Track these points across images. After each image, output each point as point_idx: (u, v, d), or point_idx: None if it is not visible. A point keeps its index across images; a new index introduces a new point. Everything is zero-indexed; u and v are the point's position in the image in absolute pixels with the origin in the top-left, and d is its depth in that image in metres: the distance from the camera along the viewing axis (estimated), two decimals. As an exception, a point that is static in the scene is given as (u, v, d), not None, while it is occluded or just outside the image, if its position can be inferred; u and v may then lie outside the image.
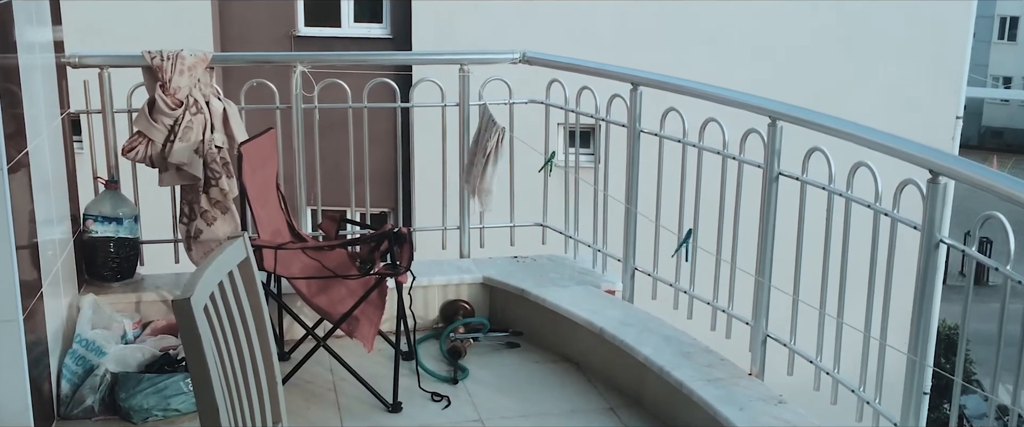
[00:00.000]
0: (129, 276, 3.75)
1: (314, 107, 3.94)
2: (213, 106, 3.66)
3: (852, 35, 10.30)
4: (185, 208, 3.69)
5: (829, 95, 9.02)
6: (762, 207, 3.12)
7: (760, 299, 3.16)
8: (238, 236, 2.05)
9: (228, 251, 1.99)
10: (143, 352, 3.23)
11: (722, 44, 10.10)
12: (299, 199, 3.97)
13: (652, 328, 3.48)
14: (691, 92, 3.45)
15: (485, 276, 3.95)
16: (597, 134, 4.01)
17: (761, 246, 3.14)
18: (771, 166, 3.07)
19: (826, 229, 2.93)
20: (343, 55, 4.15)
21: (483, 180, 3.90)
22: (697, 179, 3.45)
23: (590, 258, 4.10)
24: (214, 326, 1.84)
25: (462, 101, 4.04)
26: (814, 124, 2.93)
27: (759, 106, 3.10)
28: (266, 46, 10.14)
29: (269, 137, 3.53)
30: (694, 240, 3.43)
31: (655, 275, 3.72)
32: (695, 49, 9.99)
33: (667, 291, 3.64)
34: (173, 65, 3.55)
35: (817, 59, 10.23)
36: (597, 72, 3.84)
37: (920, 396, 2.61)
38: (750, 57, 10.03)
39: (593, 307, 3.65)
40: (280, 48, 10.19)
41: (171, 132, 3.57)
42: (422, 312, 3.86)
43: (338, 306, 3.31)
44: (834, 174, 2.89)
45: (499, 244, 4.28)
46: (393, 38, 10.47)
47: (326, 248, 3.50)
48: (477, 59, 4.11)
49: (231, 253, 2.00)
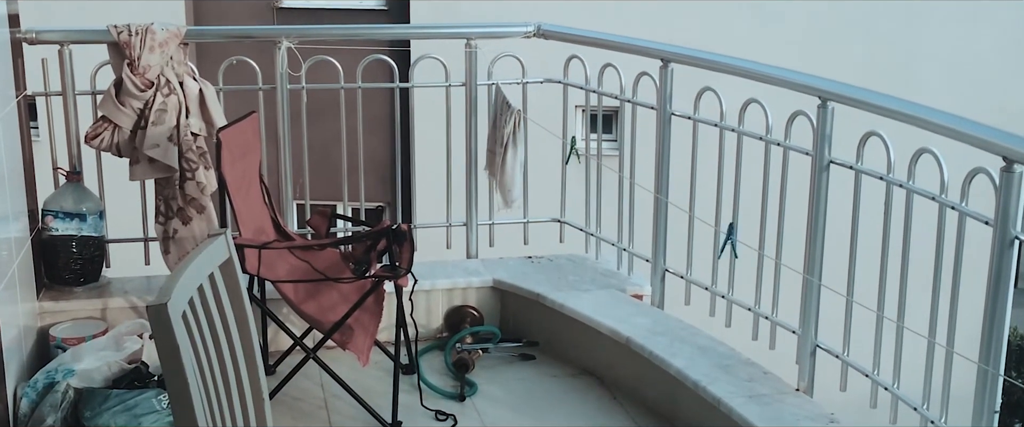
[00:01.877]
0: (94, 279, 3.77)
1: (301, 88, 3.95)
2: (188, 87, 3.67)
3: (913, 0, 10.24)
4: (161, 205, 3.71)
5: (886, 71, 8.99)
6: (811, 199, 3.12)
7: (809, 304, 3.16)
8: (219, 233, 2.06)
9: (208, 251, 1.99)
10: (110, 365, 3.25)
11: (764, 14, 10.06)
12: (285, 192, 3.99)
13: (685, 337, 3.49)
14: (729, 69, 3.45)
15: (495, 279, 3.96)
16: (621, 117, 4.02)
17: (810, 244, 3.14)
18: (821, 153, 3.07)
19: (884, 224, 2.93)
20: (333, 29, 4.15)
21: (504, 172, 3.91)
22: (736, 168, 3.45)
23: (614, 258, 4.10)
24: (194, 335, 1.85)
25: (468, 81, 4.04)
26: (870, 105, 2.93)
27: (807, 85, 3.10)
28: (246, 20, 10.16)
29: (251, 122, 3.54)
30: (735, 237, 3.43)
31: (688, 277, 3.72)
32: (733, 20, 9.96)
33: (702, 295, 3.64)
34: (142, 41, 3.57)
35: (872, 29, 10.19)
36: (622, 47, 3.84)
37: (991, 414, 2.61)
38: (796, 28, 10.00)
39: (618, 314, 3.66)
40: (262, 21, 10.21)
41: (141, 117, 3.59)
42: (424, 320, 3.87)
43: (330, 313, 3.33)
44: (893, 162, 2.89)
45: (511, 243, 4.29)
46: (388, 10, 10.47)
47: (316, 248, 3.52)
48: (486, 33, 4.12)
49: (211, 253, 2.00)
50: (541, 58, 4.23)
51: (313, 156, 4.19)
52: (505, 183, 3.96)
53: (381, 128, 7.44)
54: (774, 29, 9.90)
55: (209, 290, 1.97)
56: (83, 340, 3.43)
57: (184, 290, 1.85)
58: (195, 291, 1.90)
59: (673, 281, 3.79)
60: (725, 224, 3.47)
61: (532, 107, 4.11)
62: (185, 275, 1.87)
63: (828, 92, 3.03)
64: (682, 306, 3.70)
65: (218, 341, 1.96)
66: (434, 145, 4.10)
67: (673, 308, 3.75)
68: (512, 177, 3.95)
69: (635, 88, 3.86)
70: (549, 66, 4.21)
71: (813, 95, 3.07)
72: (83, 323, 3.59)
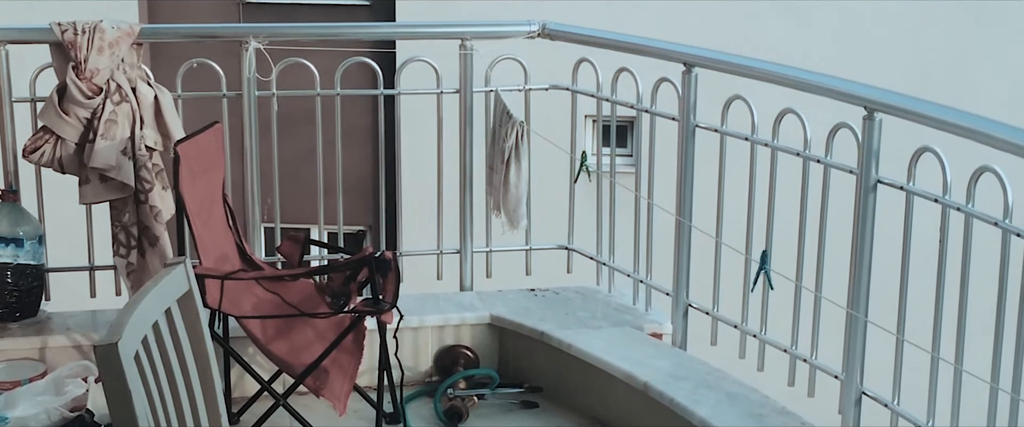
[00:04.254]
0: (32, 314, 3.77)
1: (272, 95, 3.96)
2: (141, 94, 3.68)
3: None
4: (119, 233, 3.70)
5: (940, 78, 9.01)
6: (855, 224, 3.12)
7: (853, 344, 3.15)
8: (177, 262, 2.06)
9: (164, 282, 2.00)
10: (49, 413, 3.24)
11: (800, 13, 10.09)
12: (252, 215, 3.98)
13: (712, 383, 3.48)
14: (762, 75, 3.46)
15: (493, 315, 3.96)
16: (638, 129, 4.02)
17: (854, 275, 3.13)
18: (867, 171, 3.07)
19: (940, 253, 2.93)
20: (308, 27, 4.18)
21: (507, 191, 3.90)
22: (770, 188, 3.45)
23: (630, 291, 4.10)
24: (147, 379, 1.85)
25: (463, 87, 4.05)
26: (924, 116, 2.93)
27: (851, 93, 3.11)
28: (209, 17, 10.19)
29: (213, 134, 3.54)
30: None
31: (715, 313, 3.72)
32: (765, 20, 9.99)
33: (731, 335, 3.64)
34: (90, 41, 3.58)
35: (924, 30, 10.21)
36: (639, 49, 3.85)
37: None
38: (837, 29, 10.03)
39: (634, 355, 3.65)
40: (227, 19, 10.23)
41: (88, 128, 3.59)
42: (412, 362, 3.87)
43: (302, 354, 3.32)
44: (950, 182, 2.89)
45: (511, 273, 4.29)
46: (371, 6, 10.52)
47: (287, 278, 3.51)
48: (483, 32, 4.13)
49: (168, 285, 2.01)
50: (546, 62, 4.24)
51: (284, 173, 4.19)
52: (509, 203, 3.96)
53: (363, 141, 7.44)
54: (812, 30, 9.94)
55: (165, 327, 1.96)
56: (19, 384, 3.42)
57: (137, 327, 1.85)
58: (149, 328, 1.90)
59: (697, 317, 3.78)
60: (757, 252, 3.47)
61: (536, 117, 4.11)
62: (138, 310, 1.87)
63: (875, 101, 3.03)
64: (708, 346, 3.69)
65: (175, 386, 1.96)
66: (423, 161, 4.10)
67: (697, 349, 3.75)
68: (518, 195, 3.96)
69: (654, 96, 3.86)
70: (555, 71, 4.22)
71: (858, 105, 3.07)
72: (18, 364, 3.57)
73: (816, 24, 10.06)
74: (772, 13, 10.09)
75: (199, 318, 2.08)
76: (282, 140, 4.04)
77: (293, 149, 4.31)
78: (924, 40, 10.19)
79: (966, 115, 2.84)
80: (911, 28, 10.20)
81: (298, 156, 4.48)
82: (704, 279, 3.71)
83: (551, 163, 4.29)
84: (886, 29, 10.18)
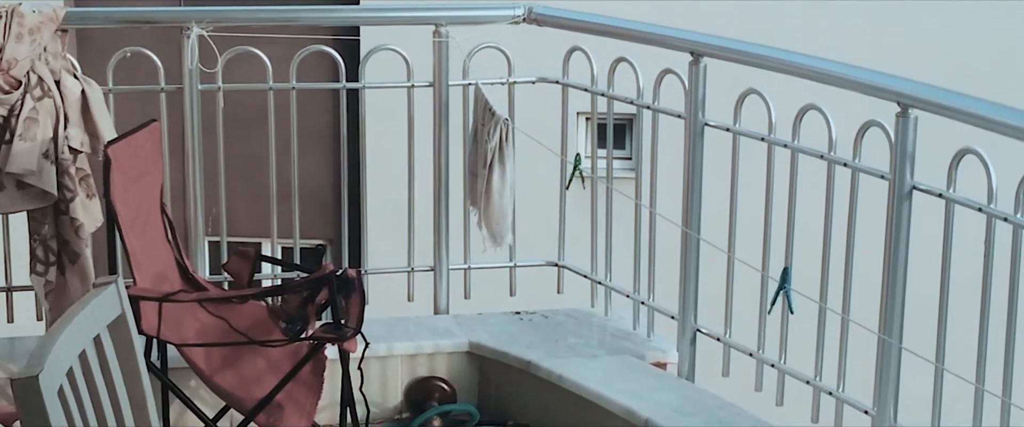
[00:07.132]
0: (-61, 342, 3.75)
1: (218, 89, 3.96)
2: (67, 88, 3.67)
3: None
4: (37, 247, 3.68)
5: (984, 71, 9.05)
6: (888, 236, 3.13)
7: (886, 373, 3.16)
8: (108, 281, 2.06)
9: (93, 306, 1.99)
10: (-40, 457, 3.23)
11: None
12: (195, 226, 3.98)
13: (724, 419, 3.49)
14: (780, 66, 3.47)
15: (472, 341, 3.96)
16: (637, 128, 4.03)
17: (887, 295, 3.14)
18: (901, 176, 3.08)
19: (985, 268, 2.93)
20: (260, 11, 4.16)
21: (490, 201, 3.90)
22: (790, 195, 3.46)
23: (629, 314, 4.10)
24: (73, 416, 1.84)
25: (438, 80, 4.06)
26: (965, 113, 2.95)
27: (882, 86, 3.12)
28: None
29: (150, 134, 3.54)
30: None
31: (727, 339, 3.72)
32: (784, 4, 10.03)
33: (745, 363, 3.64)
34: (7, 27, 3.57)
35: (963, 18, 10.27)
36: (640, 36, 3.86)
37: None
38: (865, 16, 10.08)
39: (635, 387, 3.66)
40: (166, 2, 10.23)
41: (4, 127, 3.58)
42: (379, 396, 3.86)
43: (253, 387, 3.32)
44: (996, 188, 2.91)
45: (493, 293, 4.29)
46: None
47: (235, 300, 3.50)
48: (461, 17, 4.14)
49: (98, 308, 2.00)
50: (534, 51, 4.24)
51: (232, 179, 4.18)
52: (492, 215, 3.95)
53: (322, 142, 7.43)
54: (837, 17, 9.98)
55: (94, 357, 1.96)
56: (-76, 423, 3.40)
57: (61, 357, 1.84)
58: (76, 359, 1.90)
59: (707, 344, 3.79)
60: (776, 269, 3.47)
61: (522, 115, 4.12)
62: (62, 338, 1.86)
63: (910, 96, 3.04)
64: (719, 378, 3.70)
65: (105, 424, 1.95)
66: (392, 164, 4.10)
67: (707, 380, 3.75)
68: (502, 207, 3.95)
69: (656, 90, 3.87)
70: (544, 62, 4.23)
71: (890, 100, 3.08)
72: (-76, 400, 3.56)
73: (842, 10, 10.10)
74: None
75: (133, 347, 2.08)
76: (229, 141, 4.03)
77: (242, 152, 4.31)
78: (966, 30, 10.24)
79: (1013, 112, 2.85)
80: (951, 17, 10.25)
81: (248, 160, 4.48)
82: (715, 300, 3.72)
83: (539, 167, 4.29)
84: (923, 17, 10.23)
